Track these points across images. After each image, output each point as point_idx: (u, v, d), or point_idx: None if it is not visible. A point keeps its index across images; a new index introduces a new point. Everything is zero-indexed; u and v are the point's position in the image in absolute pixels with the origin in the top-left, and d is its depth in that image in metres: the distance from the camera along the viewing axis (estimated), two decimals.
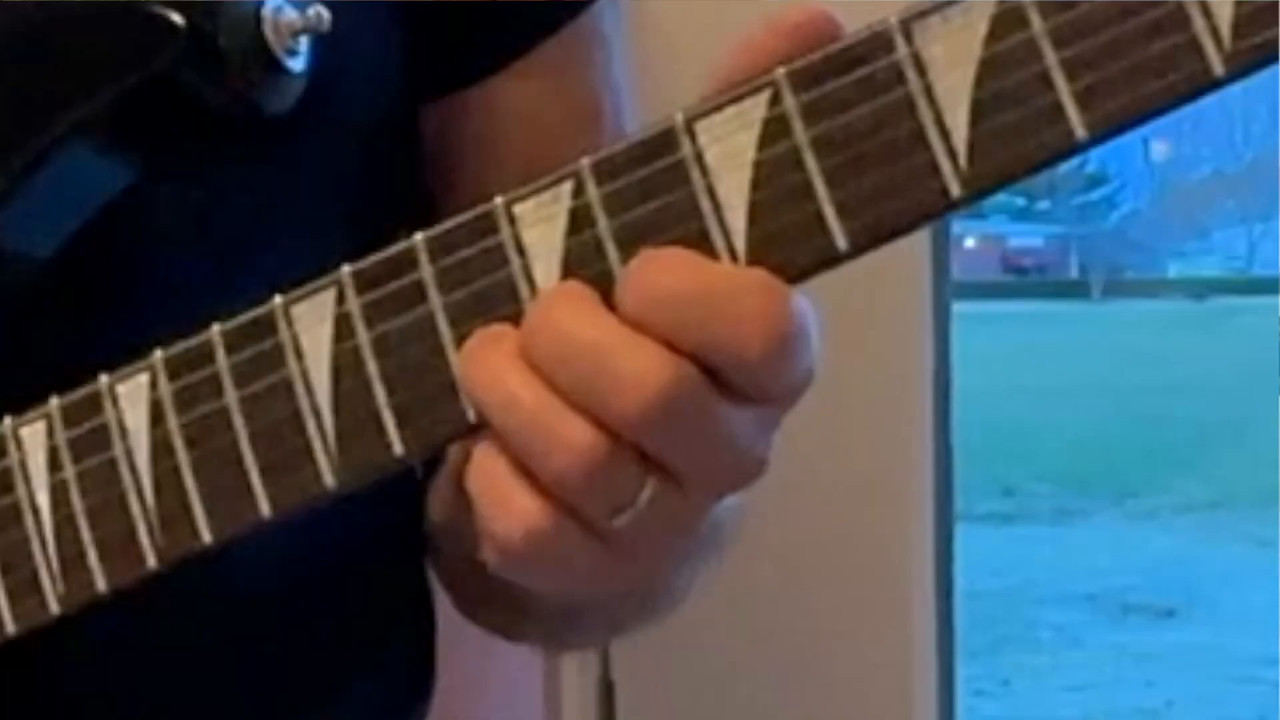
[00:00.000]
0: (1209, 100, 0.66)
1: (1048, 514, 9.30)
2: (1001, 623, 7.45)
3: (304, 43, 0.81)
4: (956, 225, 1.31)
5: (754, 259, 0.68)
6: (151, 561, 0.75)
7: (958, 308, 1.32)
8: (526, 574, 0.72)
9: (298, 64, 0.81)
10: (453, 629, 1.00)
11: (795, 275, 0.67)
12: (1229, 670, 7.38)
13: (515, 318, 0.70)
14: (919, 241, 1.21)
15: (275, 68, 0.80)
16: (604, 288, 0.69)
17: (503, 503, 0.69)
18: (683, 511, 0.69)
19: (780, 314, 0.66)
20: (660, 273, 0.67)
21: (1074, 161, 0.92)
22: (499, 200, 0.70)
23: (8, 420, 0.77)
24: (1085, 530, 9.35)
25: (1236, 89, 0.66)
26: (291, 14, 0.81)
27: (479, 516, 0.71)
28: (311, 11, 0.82)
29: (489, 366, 0.68)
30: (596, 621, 0.95)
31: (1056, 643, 7.66)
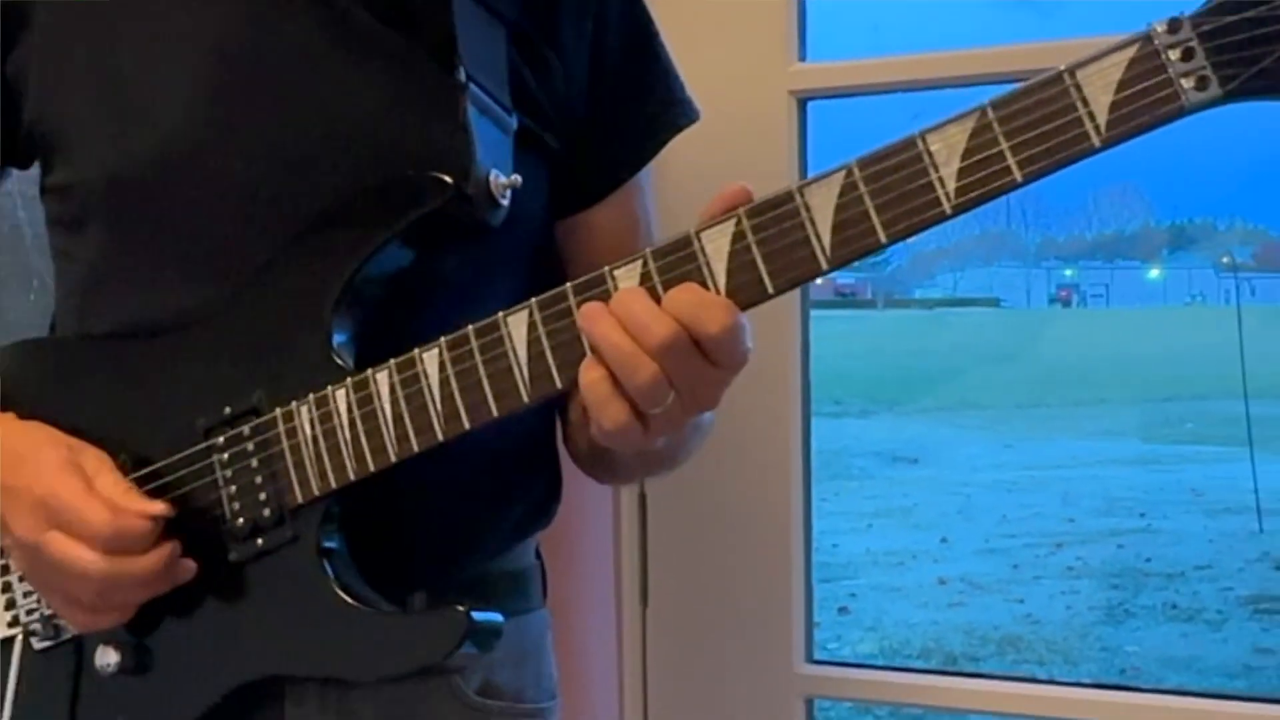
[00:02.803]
0: None
1: (857, 413, 9.35)
2: (834, 465, 7.48)
3: (508, 192, 0.80)
4: None
5: (731, 298, 0.68)
6: (439, 437, 0.74)
7: (814, 313, 1.27)
8: (610, 440, 0.71)
9: (505, 201, 0.80)
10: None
11: (746, 305, 0.68)
12: (944, 489, 7.40)
13: None
14: None
15: (494, 204, 0.79)
16: None
17: (604, 406, 0.69)
18: (679, 413, 0.70)
19: (731, 318, 0.68)
20: (682, 290, 0.68)
21: None
22: (606, 269, 0.71)
23: (416, 351, 0.75)
24: (875, 421, 9.40)
25: None
26: (503, 178, 0.80)
27: (590, 411, 0.71)
28: (512, 176, 0.80)
29: (607, 332, 0.68)
30: (641, 470, 0.95)
31: (860, 476, 7.69)
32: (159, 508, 0.76)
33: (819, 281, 0.76)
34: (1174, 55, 0.60)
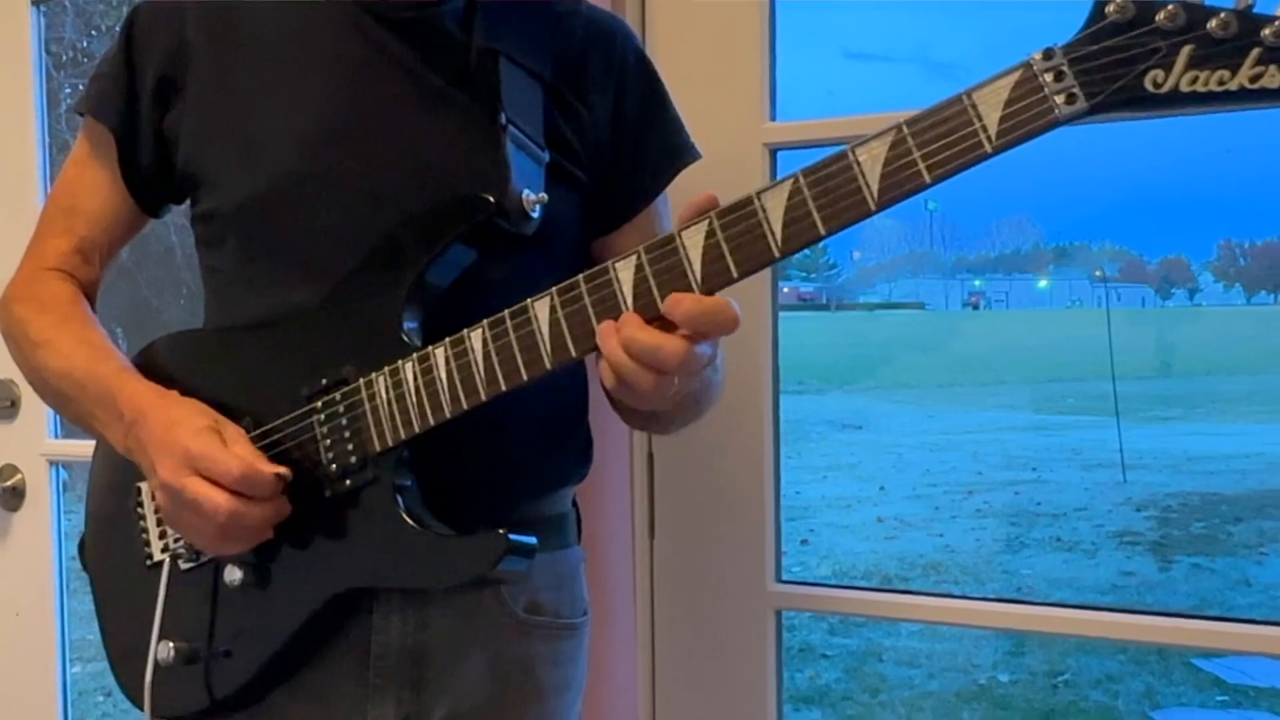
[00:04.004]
0: (872, 231, 0.64)
1: (814, 391, 9.30)
2: (797, 431, 7.44)
3: (539, 207, 0.79)
4: (780, 281, 1.19)
5: (705, 283, 0.67)
6: (482, 397, 0.73)
7: (782, 314, 1.22)
8: (645, 401, 0.70)
9: (536, 215, 0.79)
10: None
11: (719, 288, 0.66)
12: (882, 449, 7.34)
13: (616, 310, 0.68)
14: (765, 286, 1.14)
15: (527, 217, 0.78)
16: (648, 300, 0.67)
17: (636, 378, 0.67)
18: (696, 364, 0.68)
19: (731, 315, 0.66)
20: (686, 300, 0.67)
21: (820, 256, 0.87)
22: (609, 262, 0.69)
23: (465, 331, 0.73)
24: (828, 397, 9.35)
25: (886, 226, 0.65)
26: (533, 195, 0.78)
27: (627, 384, 0.69)
28: (541, 194, 0.79)
29: (611, 349, 0.68)
30: (665, 422, 0.88)
31: (819, 438, 7.63)
32: (284, 470, 0.76)
33: (785, 289, 0.73)
34: (1049, 78, 0.58)
